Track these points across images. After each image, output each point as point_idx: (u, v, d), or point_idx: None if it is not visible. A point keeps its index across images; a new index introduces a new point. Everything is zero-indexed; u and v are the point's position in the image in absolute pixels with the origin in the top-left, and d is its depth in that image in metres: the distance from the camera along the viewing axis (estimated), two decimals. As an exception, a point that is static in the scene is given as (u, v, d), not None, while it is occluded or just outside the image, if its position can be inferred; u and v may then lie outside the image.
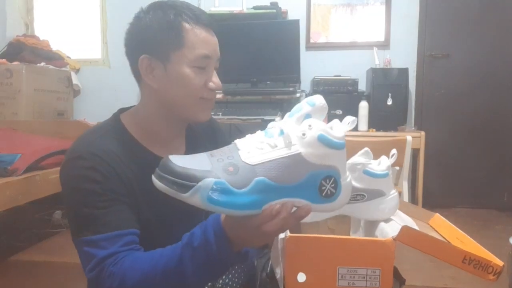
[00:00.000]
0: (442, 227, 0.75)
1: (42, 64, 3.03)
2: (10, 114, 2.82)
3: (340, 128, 0.57)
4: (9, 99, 2.82)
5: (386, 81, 2.78)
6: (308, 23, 3.17)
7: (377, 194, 0.72)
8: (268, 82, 2.99)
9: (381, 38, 3.11)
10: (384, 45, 3.09)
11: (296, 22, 2.88)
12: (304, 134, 0.54)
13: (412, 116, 3.10)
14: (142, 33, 0.82)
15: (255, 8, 2.99)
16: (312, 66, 3.12)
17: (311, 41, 3.18)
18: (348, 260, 0.59)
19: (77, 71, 3.41)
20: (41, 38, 3.25)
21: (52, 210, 2.59)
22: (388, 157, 0.74)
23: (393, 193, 0.73)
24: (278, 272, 0.68)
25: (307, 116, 0.56)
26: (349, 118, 0.58)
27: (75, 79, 3.29)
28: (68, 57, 3.37)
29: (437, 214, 0.79)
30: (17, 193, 1.83)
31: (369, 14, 3.12)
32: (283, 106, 2.84)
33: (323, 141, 0.54)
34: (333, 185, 0.56)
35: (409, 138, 2.26)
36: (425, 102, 3.11)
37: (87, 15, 3.46)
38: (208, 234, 0.62)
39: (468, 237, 0.67)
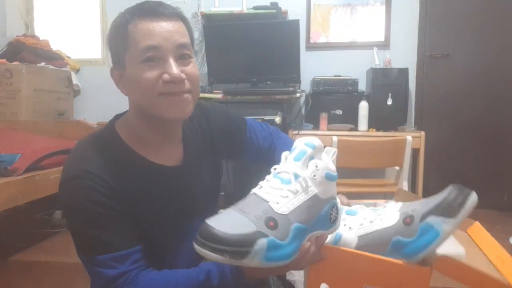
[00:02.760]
0: (481, 238, 0.71)
1: (42, 64, 3.03)
2: (10, 114, 2.82)
3: (330, 161, 0.65)
4: (9, 99, 2.82)
5: (386, 81, 2.78)
6: (308, 23, 3.17)
7: None
8: (268, 82, 2.99)
9: (381, 38, 3.10)
10: (384, 45, 3.09)
11: (296, 22, 2.87)
12: (314, 176, 0.62)
13: (412, 116, 3.10)
14: (108, 45, 0.83)
15: (255, 8, 2.98)
16: (312, 66, 3.12)
17: (311, 41, 3.18)
18: (376, 280, 0.58)
19: (77, 71, 3.41)
20: (41, 38, 3.24)
21: (52, 210, 2.58)
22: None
23: None
24: (295, 275, 0.71)
25: (311, 157, 0.64)
26: (330, 150, 0.66)
27: (75, 79, 3.29)
28: (68, 57, 3.37)
29: (477, 223, 0.75)
30: (17, 193, 1.83)
31: (369, 14, 3.12)
32: (283, 106, 2.84)
33: (329, 177, 0.63)
34: (336, 211, 0.65)
35: (409, 138, 2.26)
36: (425, 102, 3.11)
37: (87, 15, 3.46)
38: (226, 276, 0.66)
39: (508, 254, 0.63)
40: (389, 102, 2.77)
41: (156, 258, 0.73)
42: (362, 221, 0.69)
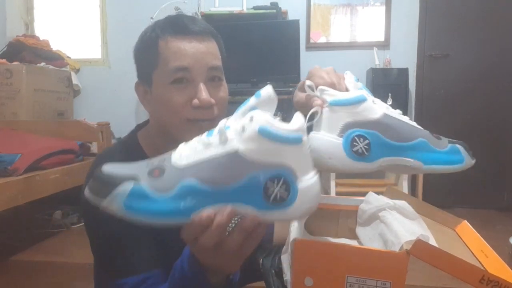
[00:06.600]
0: (468, 235, 0.72)
1: (42, 64, 3.03)
2: (10, 114, 2.82)
3: (298, 121, 0.48)
4: (9, 99, 2.82)
5: (386, 81, 2.78)
6: (308, 23, 3.17)
7: None
8: (268, 82, 2.98)
9: (381, 38, 3.11)
10: (384, 45, 3.09)
11: (296, 22, 2.88)
12: (243, 128, 0.46)
13: (412, 116, 3.10)
14: (134, 57, 0.80)
15: (255, 8, 2.99)
16: (312, 66, 3.10)
17: (311, 41, 3.18)
18: (357, 269, 0.56)
19: (77, 71, 3.41)
20: (41, 38, 3.25)
21: (52, 210, 2.58)
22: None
23: None
24: (288, 274, 0.67)
25: (253, 109, 0.48)
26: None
27: (75, 79, 3.29)
28: (68, 57, 3.37)
29: (465, 221, 0.75)
30: (17, 193, 1.84)
31: (369, 14, 3.12)
32: (283, 106, 2.83)
33: (265, 134, 0.45)
34: (283, 187, 0.47)
35: (409, 138, 2.25)
36: (425, 102, 3.11)
37: (87, 15, 3.46)
38: (184, 263, 0.57)
39: (493, 251, 0.64)
40: (389, 102, 2.77)
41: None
42: (388, 106, 0.65)
